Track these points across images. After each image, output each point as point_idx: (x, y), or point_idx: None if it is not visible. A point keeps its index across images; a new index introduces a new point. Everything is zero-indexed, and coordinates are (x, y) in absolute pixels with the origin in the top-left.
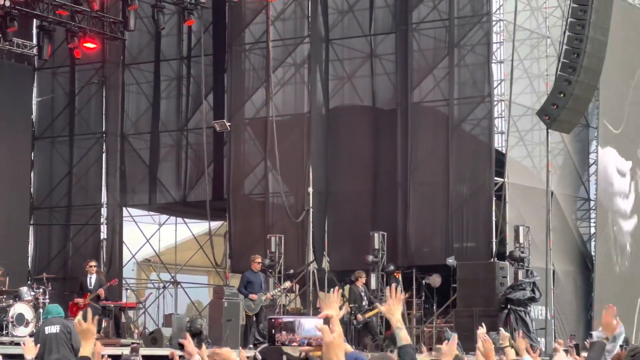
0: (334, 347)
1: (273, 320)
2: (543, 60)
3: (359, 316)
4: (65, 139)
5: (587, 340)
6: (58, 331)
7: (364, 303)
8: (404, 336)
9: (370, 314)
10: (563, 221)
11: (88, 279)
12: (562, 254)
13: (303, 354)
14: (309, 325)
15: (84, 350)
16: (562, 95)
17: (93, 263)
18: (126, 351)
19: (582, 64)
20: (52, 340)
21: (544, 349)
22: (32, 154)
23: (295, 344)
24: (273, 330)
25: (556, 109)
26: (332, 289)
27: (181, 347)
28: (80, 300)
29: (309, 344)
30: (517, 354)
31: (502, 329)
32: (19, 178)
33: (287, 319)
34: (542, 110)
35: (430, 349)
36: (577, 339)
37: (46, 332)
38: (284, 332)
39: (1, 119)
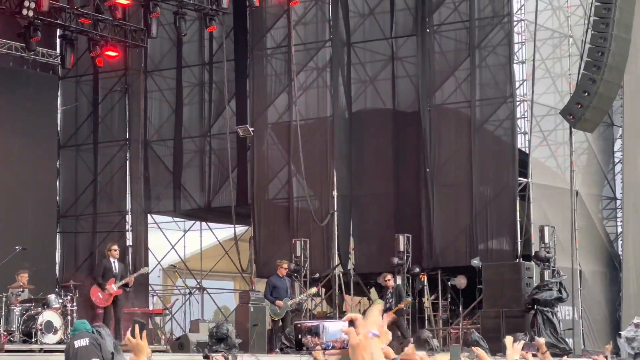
0: (360, 349)
1: (299, 325)
2: (565, 60)
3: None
4: (89, 147)
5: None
6: (87, 344)
7: (387, 305)
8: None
9: (395, 309)
10: (589, 221)
11: (113, 264)
12: (589, 254)
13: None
14: (333, 328)
15: None
16: (586, 94)
17: (115, 247)
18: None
19: (606, 63)
20: (83, 353)
21: (572, 349)
22: (58, 162)
23: (320, 348)
24: (299, 335)
25: (580, 108)
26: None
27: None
28: (110, 288)
29: (333, 347)
30: None
31: (537, 338)
32: (45, 186)
33: (311, 323)
34: (565, 110)
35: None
36: (606, 340)
37: (76, 346)
38: (309, 337)
39: (28, 127)
